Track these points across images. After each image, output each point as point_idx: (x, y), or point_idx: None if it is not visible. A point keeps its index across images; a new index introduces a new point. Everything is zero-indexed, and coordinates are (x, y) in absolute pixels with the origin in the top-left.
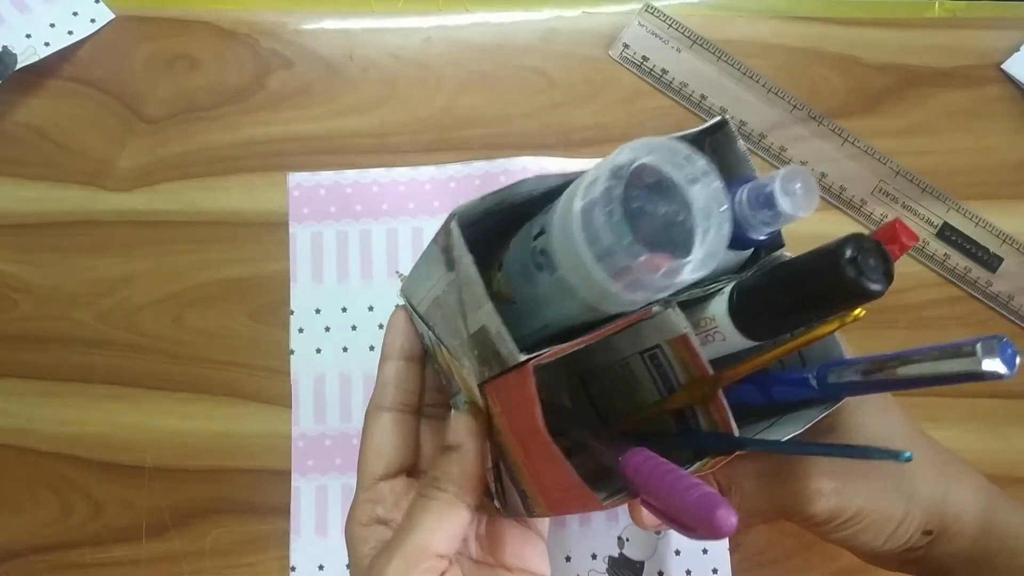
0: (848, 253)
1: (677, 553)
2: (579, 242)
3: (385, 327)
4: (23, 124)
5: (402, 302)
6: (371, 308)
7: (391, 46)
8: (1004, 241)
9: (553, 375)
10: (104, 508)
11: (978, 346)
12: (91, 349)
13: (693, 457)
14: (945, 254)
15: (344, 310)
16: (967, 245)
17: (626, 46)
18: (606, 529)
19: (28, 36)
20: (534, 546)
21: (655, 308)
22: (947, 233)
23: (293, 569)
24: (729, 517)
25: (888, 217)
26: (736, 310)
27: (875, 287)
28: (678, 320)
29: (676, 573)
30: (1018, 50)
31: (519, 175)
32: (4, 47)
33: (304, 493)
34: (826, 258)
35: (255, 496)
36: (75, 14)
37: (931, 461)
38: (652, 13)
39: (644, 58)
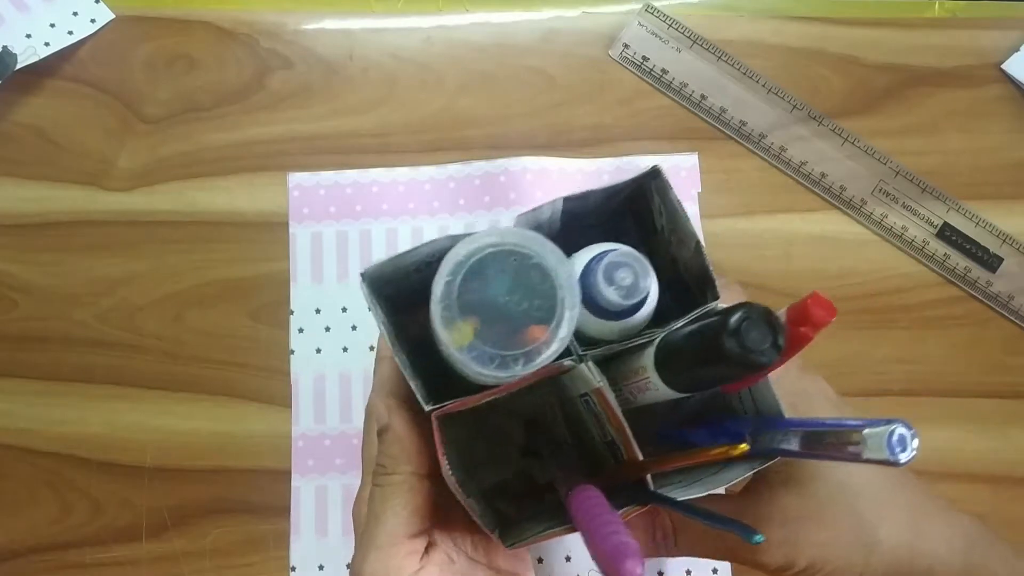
0: (731, 325)
1: None
2: (439, 332)
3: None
4: (23, 124)
5: None
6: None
7: (391, 46)
8: (1004, 241)
9: (544, 395)
10: (104, 508)
11: (864, 432)
12: (91, 349)
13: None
14: (945, 254)
15: (344, 310)
16: (967, 245)
17: (626, 46)
18: None
19: (28, 36)
20: (523, 554)
21: (567, 363)
22: (947, 233)
23: (293, 569)
24: (635, 569)
25: (888, 217)
26: (659, 363)
27: (760, 360)
28: (592, 375)
29: (676, 573)
30: (1018, 50)
31: (519, 175)
32: (4, 47)
33: (304, 493)
34: (715, 327)
35: (255, 496)
36: (75, 14)
37: (899, 506)
38: (652, 13)
39: (644, 58)
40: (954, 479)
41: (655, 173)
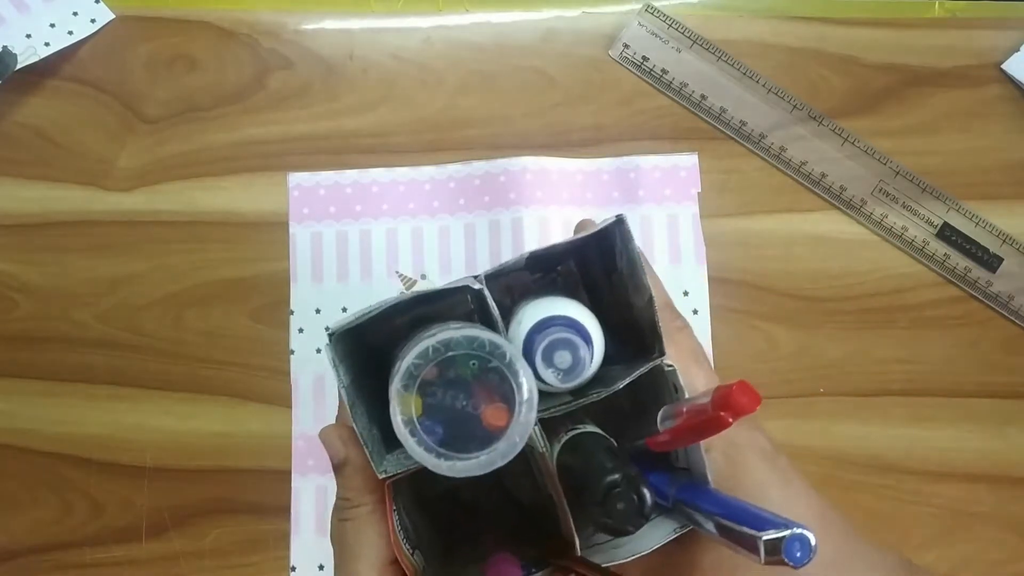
0: (600, 495)
1: None
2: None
3: None
4: (23, 124)
5: None
6: None
7: (391, 46)
8: (1004, 241)
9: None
10: (104, 508)
11: (763, 540)
12: (91, 349)
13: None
14: (945, 254)
15: (344, 310)
16: (967, 245)
17: (626, 46)
18: None
19: (28, 36)
20: None
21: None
22: (947, 233)
23: (293, 569)
24: None
25: (888, 217)
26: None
27: (624, 529)
28: (537, 439)
29: None
30: (1018, 50)
31: (519, 175)
32: (4, 47)
33: (304, 493)
34: (590, 486)
35: (255, 496)
36: (75, 14)
37: (823, 557)
38: (652, 13)
39: (644, 58)
40: (954, 479)
41: (620, 221)
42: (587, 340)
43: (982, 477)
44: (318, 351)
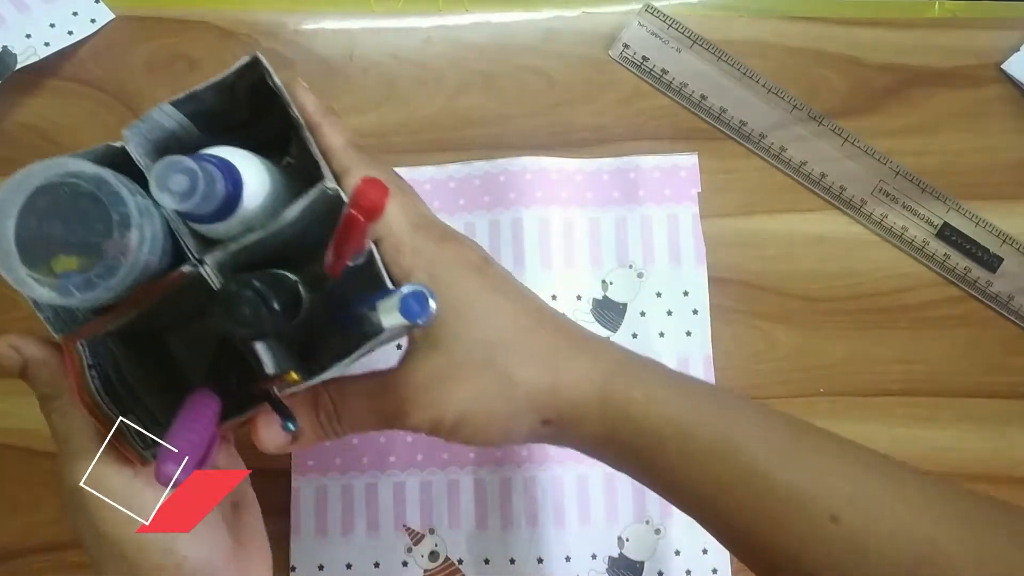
0: (218, 306)
1: (677, 553)
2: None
3: None
4: (23, 124)
5: None
6: None
7: (391, 46)
8: (1004, 241)
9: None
10: None
11: (378, 306)
12: None
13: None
14: (945, 254)
15: None
16: (967, 245)
17: (626, 46)
18: (606, 529)
19: (28, 36)
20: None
21: (186, 269)
22: (947, 233)
23: (293, 569)
24: (168, 471)
25: (888, 217)
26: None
27: (256, 329)
28: (211, 279)
29: (676, 573)
30: (1018, 50)
31: (519, 176)
32: (4, 47)
33: (304, 493)
34: (217, 302)
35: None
36: (75, 14)
37: (535, 350)
38: (652, 13)
39: (644, 58)
40: (954, 479)
41: (253, 63)
42: (229, 173)
43: (982, 477)
44: None
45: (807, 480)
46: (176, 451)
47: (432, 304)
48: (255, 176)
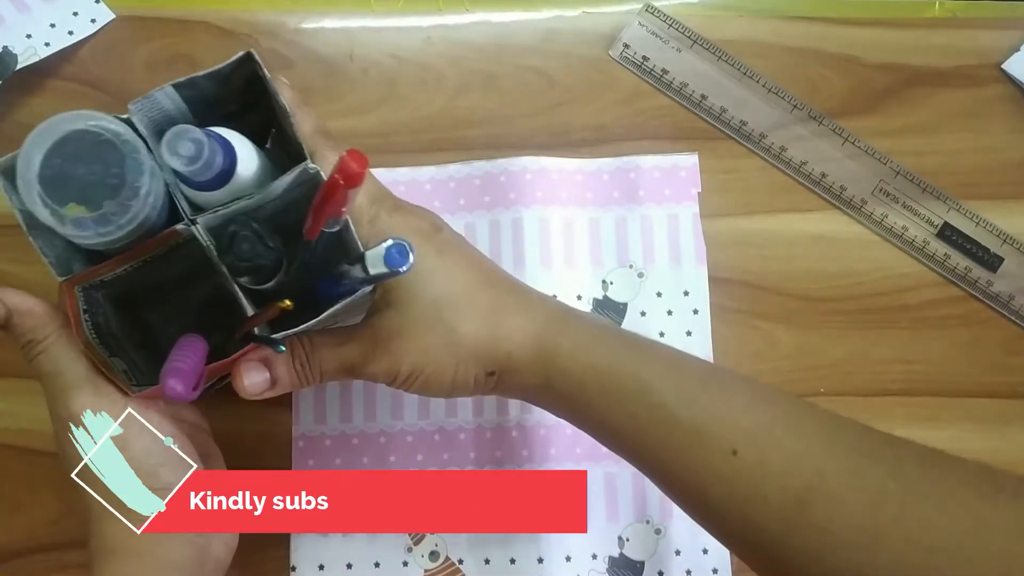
0: (227, 245)
1: (677, 553)
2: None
3: None
4: (23, 124)
5: None
6: None
7: (391, 46)
8: (1004, 241)
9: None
10: None
11: (367, 255)
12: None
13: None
14: (945, 254)
15: None
16: (967, 245)
17: (626, 46)
18: (606, 529)
19: (28, 36)
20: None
21: (180, 227)
22: (947, 233)
23: (293, 569)
24: (175, 386)
25: (888, 217)
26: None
27: (259, 263)
28: (202, 238)
29: (676, 573)
30: (1018, 50)
31: (519, 176)
32: (4, 47)
33: None
34: (222, 246)
35: None
36: (75, 14)
37: (478, 307)
38: (652, 13)
39: (644, 58)
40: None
41: (247, 58)
42: (227, 149)
43: None
44: None
45: (710, 416)
46: (186, 370)
47: (411, 256)
48: (246, 155)
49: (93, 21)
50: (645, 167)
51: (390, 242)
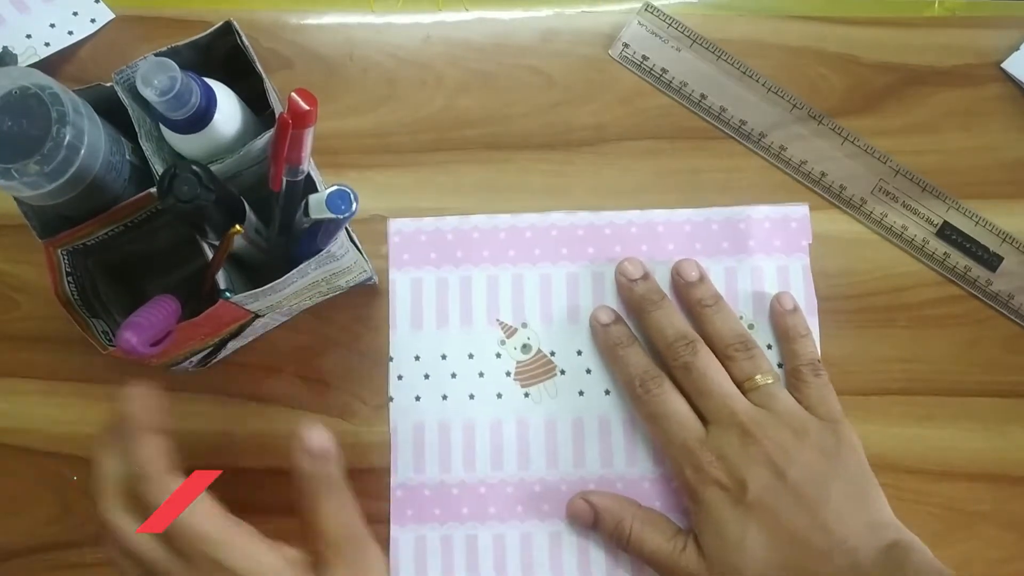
0: (163, 187)
1: None
2: None
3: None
4: None
5: None
6: (471, 356)
7: (391, 46)
8: (1004, 240)
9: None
10: None
11: (309, 199)
12: (91, 349)
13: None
14: (945, 253)
15: (444, 357)
16: (967, 244)
17: (626, 45)
18: None
19: (28, 36)
20: None
21: (153, 190)
22: (947, 232)
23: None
24: (130, 338)
25: (888, 216)
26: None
27: (198, 203)
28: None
29: None
30: (1018, 49)
31: (624, 228)
32: (4, 47)
33: (403, 543)
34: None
35: (255, 495)
36: (75, 14)
37: None
38: (652, 12)
39: (644, 57)
40: (954, 478)
41: (226, 28)
42: (206, 92)
43: (982, 476)
44: (417, 399)
45: None
46: (142, 324)
47: (355, 204)
48: (229, 109)
49: (93, 21)
50: (755, 217)
51: (333, 188)
